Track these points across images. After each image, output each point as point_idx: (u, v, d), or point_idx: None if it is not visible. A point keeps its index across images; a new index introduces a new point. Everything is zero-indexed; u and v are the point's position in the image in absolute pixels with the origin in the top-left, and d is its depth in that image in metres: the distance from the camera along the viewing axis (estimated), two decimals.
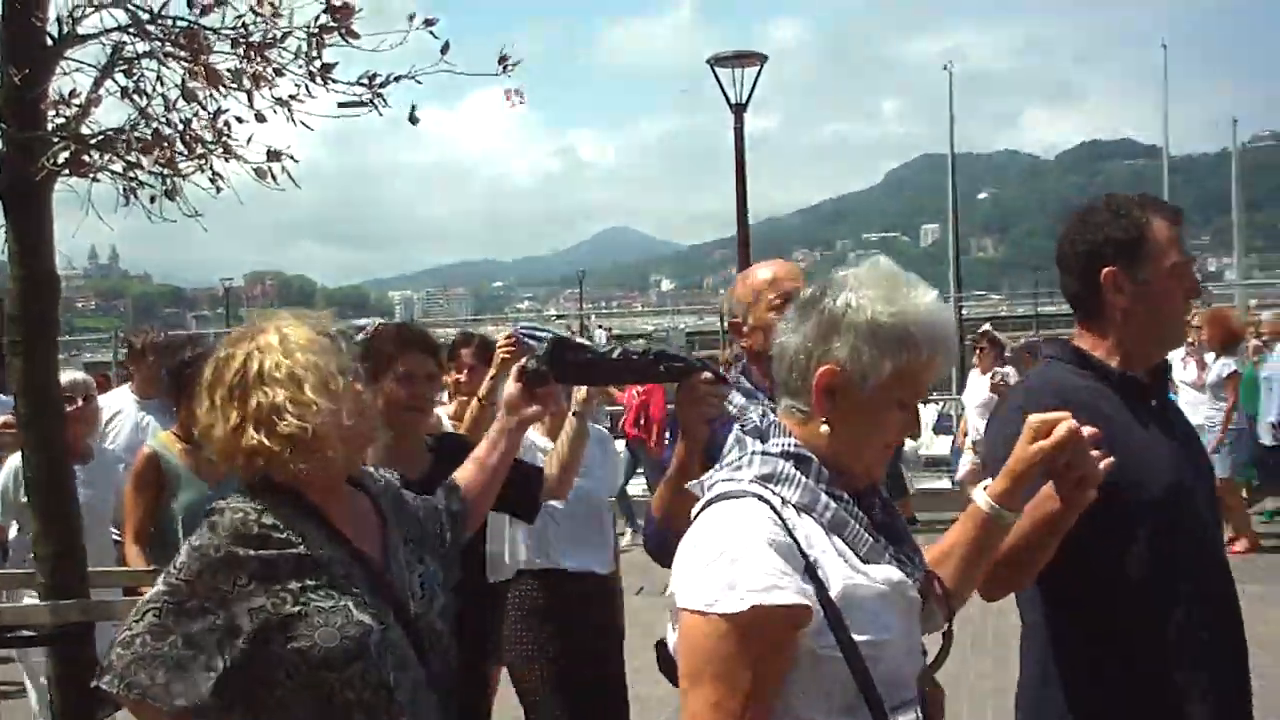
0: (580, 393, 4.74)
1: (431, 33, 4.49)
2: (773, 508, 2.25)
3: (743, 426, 2.45)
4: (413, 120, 4.80)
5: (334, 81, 4.62)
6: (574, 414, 4.73)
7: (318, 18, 4.54)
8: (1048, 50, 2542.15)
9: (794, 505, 2.28)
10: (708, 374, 3.20)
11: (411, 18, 4.51)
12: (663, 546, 3.44)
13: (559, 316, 43.75)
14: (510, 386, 3.47)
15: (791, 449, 2.34)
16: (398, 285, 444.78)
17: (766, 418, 2.42)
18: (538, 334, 3.68)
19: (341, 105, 4.69)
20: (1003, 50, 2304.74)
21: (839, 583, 2.20)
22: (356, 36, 4.49)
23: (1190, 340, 12.93)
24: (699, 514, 2.36)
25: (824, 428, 2.34)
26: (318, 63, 4.59)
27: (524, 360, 3.44)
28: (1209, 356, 13.14)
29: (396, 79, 4.58)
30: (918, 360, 2.31)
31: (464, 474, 3.49)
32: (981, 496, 2.62)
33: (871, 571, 2.26)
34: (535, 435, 5.61)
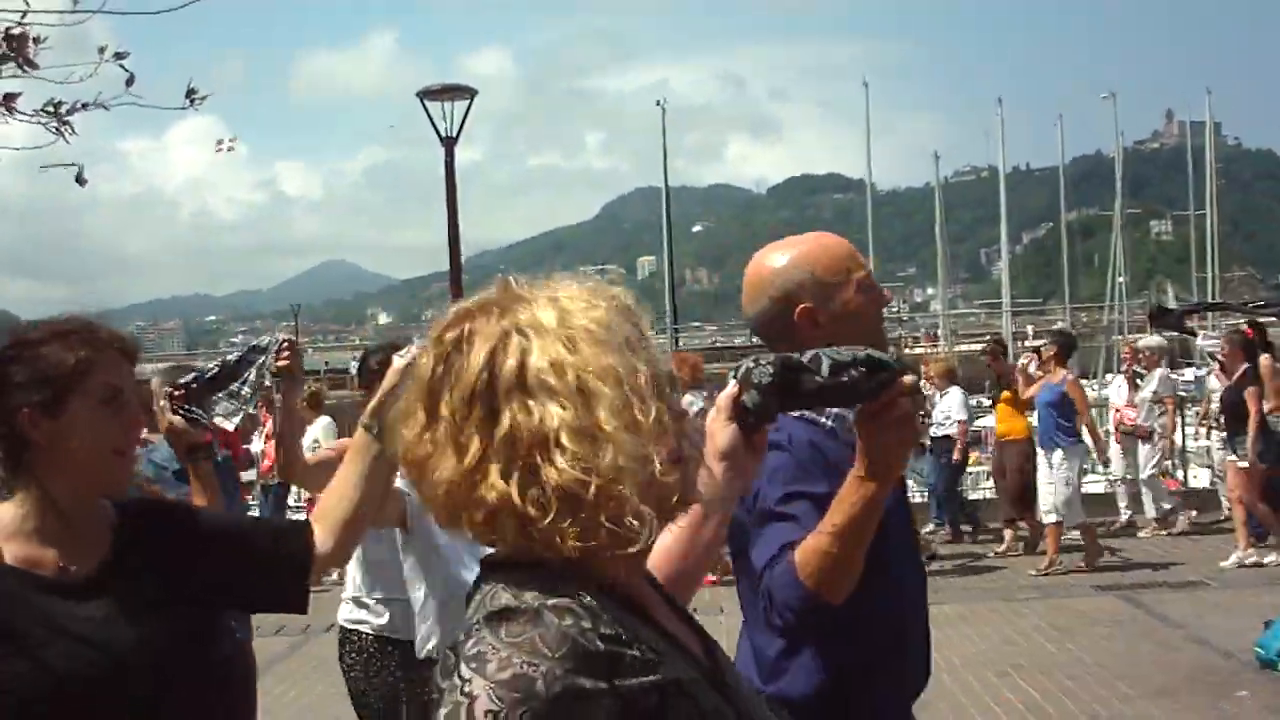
0: None
1: (122, 65, 4.49)
2: None
3: None
4: (80, 181, 4.77)
5: (17, 111, 4.56)
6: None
7: None
8: (747, 86, 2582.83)
9: None
10: (909, 377, 2.29)
11: (103, 50, 4.49)
12: (814, 620, 2.68)
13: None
14: (725, 433, 2.17)
15: None
16: (106, 321, 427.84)
17: None
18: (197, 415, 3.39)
19: None
20: (702, 85, 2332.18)
21: None
22: (35, 66, 4.45)
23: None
24: None
25: None
26: None
27: (740, 394, 2.19)
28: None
29: (83, 107, 4.56)
30: None
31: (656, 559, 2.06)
32: None
33: None
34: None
